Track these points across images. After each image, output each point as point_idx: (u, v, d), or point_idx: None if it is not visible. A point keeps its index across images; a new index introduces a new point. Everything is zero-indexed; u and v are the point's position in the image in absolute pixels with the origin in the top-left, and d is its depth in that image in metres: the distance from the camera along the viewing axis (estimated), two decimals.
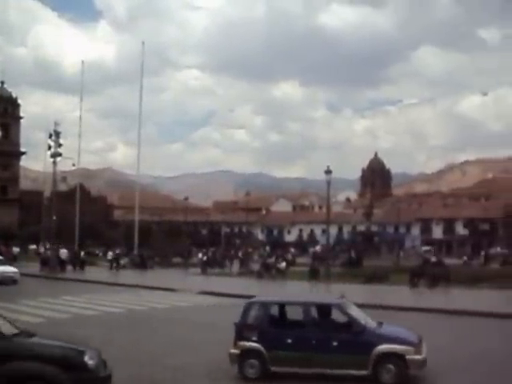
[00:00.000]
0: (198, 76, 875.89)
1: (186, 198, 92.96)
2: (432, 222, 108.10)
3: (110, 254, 57.16)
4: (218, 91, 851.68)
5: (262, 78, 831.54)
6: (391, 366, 11.88)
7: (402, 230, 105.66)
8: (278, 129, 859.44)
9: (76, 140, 78.71)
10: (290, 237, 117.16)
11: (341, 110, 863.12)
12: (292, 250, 73.87)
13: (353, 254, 57.48)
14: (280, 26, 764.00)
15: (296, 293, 28.66)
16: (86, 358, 8.92)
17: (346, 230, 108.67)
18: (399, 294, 31.31)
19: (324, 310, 13.15)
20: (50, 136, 51.02)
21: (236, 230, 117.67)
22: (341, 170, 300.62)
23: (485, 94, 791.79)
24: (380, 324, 13.01)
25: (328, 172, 42.61)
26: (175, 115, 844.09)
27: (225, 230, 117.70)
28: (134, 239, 65.78)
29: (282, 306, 13.51)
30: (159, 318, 22.64)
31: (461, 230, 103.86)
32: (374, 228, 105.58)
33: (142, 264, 55.52)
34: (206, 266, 51.58)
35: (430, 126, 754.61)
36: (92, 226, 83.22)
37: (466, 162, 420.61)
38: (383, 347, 11.98)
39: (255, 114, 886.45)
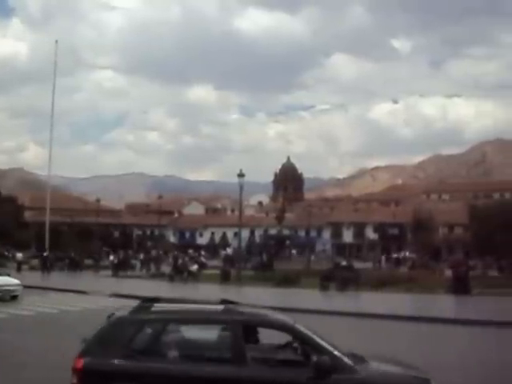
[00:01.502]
0: (112, 77, 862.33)
1: (98, 200, 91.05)
2: (343, 226, 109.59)
3: (19, 256, 55.67)
4: (132, 92, 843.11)
5: (176, 81, 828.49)
6: None
7: (314, 233, 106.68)
8: (192, 132, 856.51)
9: None
10: (202, 240, 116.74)
11: (254, 114, 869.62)
12: (203, 252, 73.53)
13: (264, 258, 57.69)
14: (195, 28, 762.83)
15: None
16: None
17: (258, 233, 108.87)
18: (310, 297, 31.43)
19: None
20: None
21: (148, 232, 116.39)
22: (253, 174, 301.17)
23: (395, 102, 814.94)
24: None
25: (240, 175, 42.55)
26: (88, 116, 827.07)
27: (137, 232, 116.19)
28: (45, 241, 64.22)
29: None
30: (70, 320, 21.86)
31: (371, 234, 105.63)
32: (286, 232, 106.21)
33: (44, 266, 53.82)
34: (117, 269, 50.76)
35: (341, 132, 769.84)
36: (1, 226, 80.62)
37: (377, 168, 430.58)
38: None
39: (169, 116, 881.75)
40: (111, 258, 56.57)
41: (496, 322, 20.83)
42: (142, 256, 62.73)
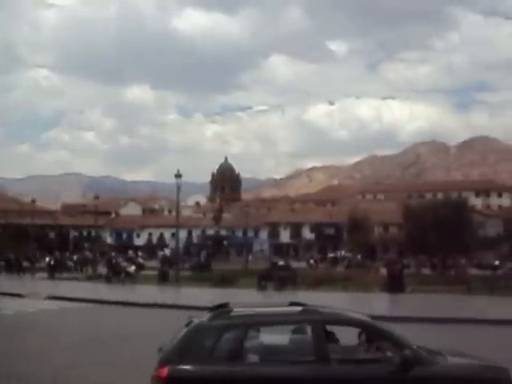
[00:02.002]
0: (48, 75, 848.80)
1: (34, 201, 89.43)
2: (280, 227, 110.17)
3: None
4: (68, 92, 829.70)
5: (112, 80, 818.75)
6: None
7: (251, 234, 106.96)
8: (129, 132, 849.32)
9: None
10: (140, 240, 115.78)
11: (192, 114, 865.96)
12: (140, 253, 73.04)
13: (202, 258, 57.65)
14: (132, 27, 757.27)
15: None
16: None
17: (196, 233, 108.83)
18: (247, 296, 31.51)
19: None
20: None
21: (85, 233, 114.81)
22: (191, 174, 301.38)
23: (332, 104, 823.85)
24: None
25: (178, 176, 42.42)
26: (24, 115, 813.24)
27: (73, 233, 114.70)
28: None
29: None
30: (4, 324, 21.51)
31: (307, 234, 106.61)
32: (223, 232, 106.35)
33: None
34: (53, 271, 49.87)
35: (278, 133, 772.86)
36: None
37: (313, 168, 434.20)
38: None
39: (105, 116, 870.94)
40: (47, 259, 55.52)
41: (428, 318, 21.38)
42: (75, 257, 61.75)
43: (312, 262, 63.28)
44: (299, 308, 7.71)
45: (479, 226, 66.48)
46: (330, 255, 76.45)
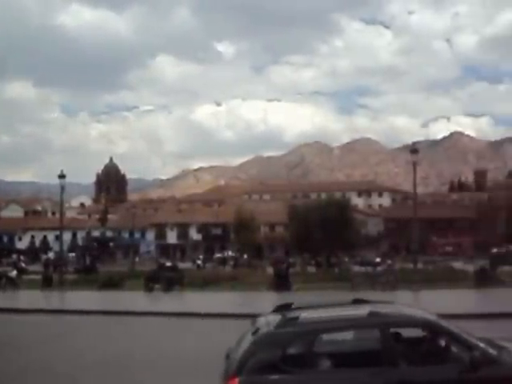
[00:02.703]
0: None
1: None
2: (166, 227, 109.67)
3: None
4: None
5: None
6: None
7: (138, 235, 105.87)
8: (9, 130, 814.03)
9: None
10: (22, 244, 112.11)
11: (76, 113, 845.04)
12: (22, 257, 70.89)
13: (87, 260, 56.70)
14: (14, 22, 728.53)
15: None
16: None
17: (81, 235, 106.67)
18: (135, 299, 31.26)
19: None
20: None
21: None
22: (75, 175, 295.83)
23: (219, 104, 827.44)
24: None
25: (61, 176, 41.43)
26: None
27: None
28: None
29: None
30: None
31: (194, 234, 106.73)
32: (109, 233, 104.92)
33: None
34: None
35: (165, 133, 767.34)
36: None
37: (200, 169, 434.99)
38: None
39: None
40: None
41: None
42: None
43: (199, 262, 63.39)
44: (367, 311, 7.57)
45: (361, 225, 68.66)
46: (217, 255, 76.87)
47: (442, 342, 7.63)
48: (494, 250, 59.98)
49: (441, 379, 7.09)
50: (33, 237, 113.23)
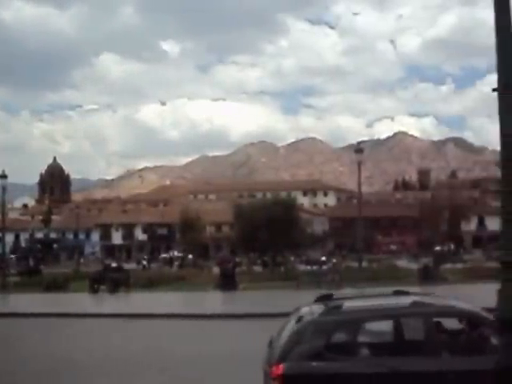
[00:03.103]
0: None
1: None
2: (112, 228, 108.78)
3: None
4: None
5: None
6: None
7: (82, 236, 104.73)
8: None
9: None
10: None
11: (18, 112, 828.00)
12: None
13: (31, 262, 55.87)
14: None
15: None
16: None
17: (24, 237, 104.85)
18: (80, 300, 30.99)
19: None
20: None
21: None
22: (18, 175, 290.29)
23: (163, 104, 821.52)
24: None
25: (3, 176, 40.70)
26: None
27: None
28: None
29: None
30: None
31: (140, 234, 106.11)
32: (53, 235, 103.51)
33: None
34: None
35: (109, 132, 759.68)
36: None
37: (145, 169, 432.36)
38: None
39: None
40: None
41: (258, 314, 21.99)
42: None
43: (144, 262, 63.06)
44: (409, 300, 7.71)
45: (307, 224, 69.22)
46: (163, 255, 76.65)
47: (483, 333, 7.74)
48: (437, 248, 61.47)
49: (481, 370, 7.17)
50: None
